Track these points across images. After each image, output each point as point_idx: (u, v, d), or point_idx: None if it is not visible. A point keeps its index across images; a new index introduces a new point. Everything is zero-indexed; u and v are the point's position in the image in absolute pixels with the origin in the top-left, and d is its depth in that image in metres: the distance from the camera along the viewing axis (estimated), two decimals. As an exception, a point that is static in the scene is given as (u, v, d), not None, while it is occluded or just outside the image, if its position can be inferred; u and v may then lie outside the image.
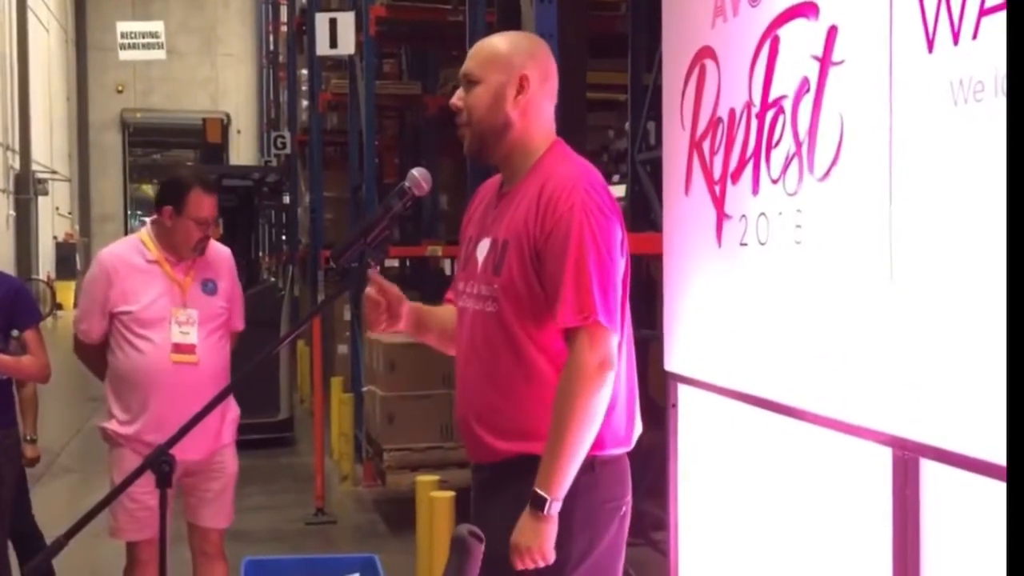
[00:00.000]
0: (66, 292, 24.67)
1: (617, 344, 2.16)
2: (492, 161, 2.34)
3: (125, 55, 23.90)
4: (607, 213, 2.18)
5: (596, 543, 2.20)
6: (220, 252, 3.76)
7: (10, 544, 4.05)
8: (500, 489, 2.25)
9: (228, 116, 25.90)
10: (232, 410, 3.75)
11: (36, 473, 6.60)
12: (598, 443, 2.18)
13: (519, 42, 2.34)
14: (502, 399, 2.21)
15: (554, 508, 2.09)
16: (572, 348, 2.12)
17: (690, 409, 3.07)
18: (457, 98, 2.30)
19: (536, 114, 2.28)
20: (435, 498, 3.96)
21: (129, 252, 3.64)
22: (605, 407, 2.13)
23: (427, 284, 10.29)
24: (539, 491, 2.09)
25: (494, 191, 2.38)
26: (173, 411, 3.34)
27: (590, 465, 2.17)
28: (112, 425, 3.66)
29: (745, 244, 2.65)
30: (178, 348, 3.53)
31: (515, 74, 2.25)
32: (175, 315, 3.55)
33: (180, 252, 3.61)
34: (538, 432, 2.16)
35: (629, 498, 2.29)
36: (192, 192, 3.55)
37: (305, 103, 13.35)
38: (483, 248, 2.30)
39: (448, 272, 11.73)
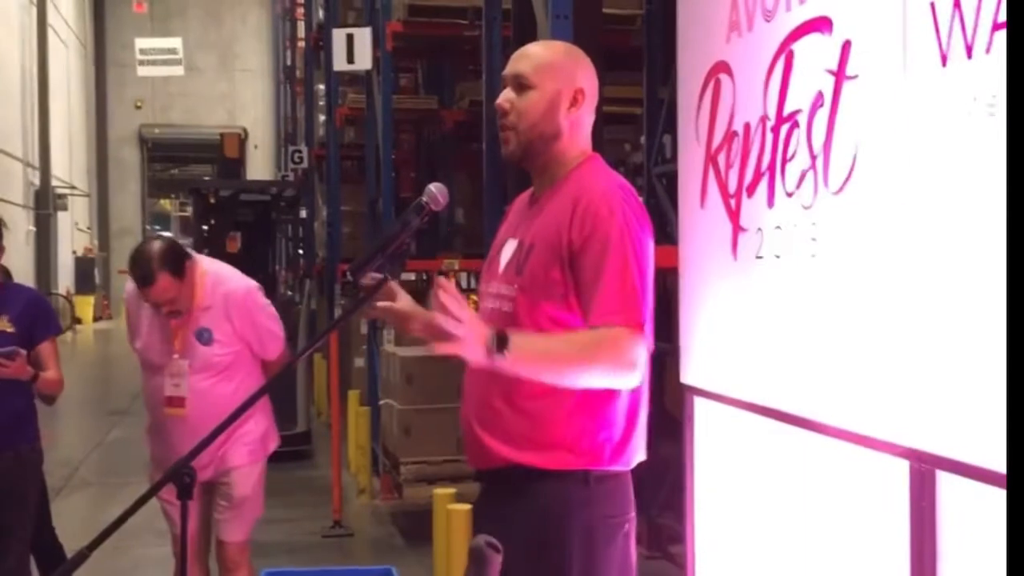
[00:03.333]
0: (85, 306, 24.82)
1: (646, 352, 2.09)
2: (529, 168, 2.31)
3: (144, 71, 24.13)
4: (644, 226, 2.16)
5: (598, 560, 2.14)
6: (228, 295, 3.62)
7: (32, 558, 4.07)
8: (494, 507, 2.22)
9: (245, 131, 26.09)
10: (243, 431, 3.69)
11: (56, 486, 6.64)
12: (594, 457, 2.13)
13: (574, 52, 2.31)
14: (505, 402, 2.16)
15: (496, 359, 1.95)
16: (619, 330, 2.03)
17: (707, 422, 3.07)
18: (505, 99, 2.24)
19: (581, 128, 2.26)
20: (452, 511, 3.97)
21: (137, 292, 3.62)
22: (600, 384, 2.07)
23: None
24: (509, 340, 1.95)
25: (526, 200, 2.36)
26: (173, 451, 3.49)
27: (584, 480, 2.13)
28: (147, 437, 3.81)
29: (761, 257, 2.66)
30: (169, 401, 3.59)
31: (572, 86, 2.22)
32: (168, 367, 3.60)
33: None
34: (535, 442, 2.13)
35: (632, 515, 2.22)
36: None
37: (322, 118, 13.43)
38: (508, 249, 2.27)
39: (464, 286, 11.76)
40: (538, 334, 2.10)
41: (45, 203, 22.94)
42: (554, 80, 2.22)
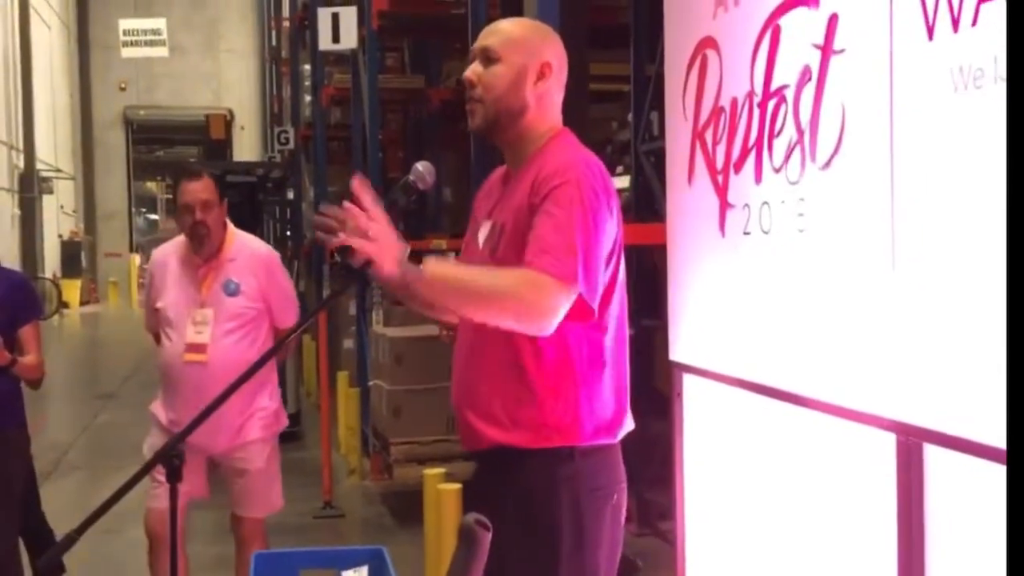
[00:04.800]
0: (72, 290, 24.73)
1: (567, 305, 2.04)
2: (498, 142, 2.32)
3: (128, 52, 23.97)
4: (600, 194, 2.12)
5: (587, 532, 2.17)
6: (254, 253, 3.84)
7: (20, 541, 4.06)
8: (485, 487, 2.24)
9: (231, 112, 25.93)
10: (260, 407, 3.80)
11: (45, 470, 6.63)
12: (577, 433, 2.15)
13: (541, 29, 2.34)
14: (489, 385, 2.19)
15: (410, 275, 1.95)
16: (540, 275, 2.01)
17: (695, 398, 3.08)
18: (472, 72, 2.26)
19: (549, 102, 2.27)
20: (442, 490, 3.98)
21: (171, 250, 3.85)
22: (504, 323, 2.03)
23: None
24: (423, 267, 1.96)
25: (500, 177, 2.38)
26: (187, 407, 3.59)
27: (570, 455, 2.15)
28: (155, 406, 3.85)
29: (748, 233, 2.66)
30: (191, 348, 3.67)
31: (538, 60, 2.24)
32: (192, 315, 3.68)
33: (192, 245, 3.74)
34: (522, 422, 2.14)
35: (622, 486, 2.24)
36: (179, 184, 3.74)
37: (308, 98, 13.35)
38: (484, 230, 2.29)
39: (453, 265, 11.71)
40: (460, 266, 2.10)
41: (30, 186, 22.80)
42: (520, 54, 2.23)
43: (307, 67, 13.18)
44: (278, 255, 3.94)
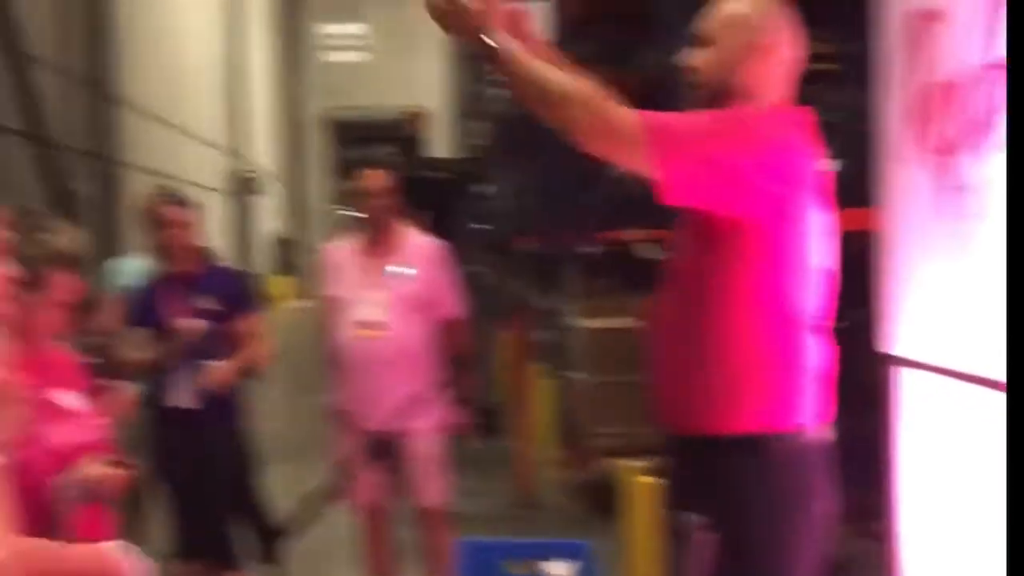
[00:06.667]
0: (283, 287, 25.99)
1: (631, 134, 2.01)
2: None
3: (329, 56, 24.99)
4: (766, 134, 2.10)
5: (779, 537, 2.10)
6: (420, 243, 4.09)
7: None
8: (682, 484, 2.23)
9: (425, 110, 26.61)
10: (428, 396, 3.90)
11: (261, 457, 6.95)
12: (771, 415, 2.08)
13: (763, 5, 2.27)
14: (682, 372, 2.16)
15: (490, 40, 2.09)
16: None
17: (912, 392, 2.92)
18: (691, 58, 2.25)
19: (766, 80, 2.23)
20: (640, 484, 3.93)
21: (345, 244, 4.17)
22: (585, 120, 2.01)
23: (624, 270, 10.20)
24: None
25: None
26: (358, 383, 3.84)
27: (753, 448, 2.08)
28: (333, 400, 4.10)
29: (969, 216, 2.49)
30: (363, 324, 3.88)
31: (752, 37, 2.19)
32: (367, 296, 3.90)
33: (369, 231, 4.00)
34: (714, 407, 2.10)
35: (823, 493, 2.17)
36: (360, 174, 4.06)
37: (499, 93, 13.51)
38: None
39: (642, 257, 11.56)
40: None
41: (242, 188, 24.09)
42: (733, 33, 2.20)
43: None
44: (445, 248, 4.15)
